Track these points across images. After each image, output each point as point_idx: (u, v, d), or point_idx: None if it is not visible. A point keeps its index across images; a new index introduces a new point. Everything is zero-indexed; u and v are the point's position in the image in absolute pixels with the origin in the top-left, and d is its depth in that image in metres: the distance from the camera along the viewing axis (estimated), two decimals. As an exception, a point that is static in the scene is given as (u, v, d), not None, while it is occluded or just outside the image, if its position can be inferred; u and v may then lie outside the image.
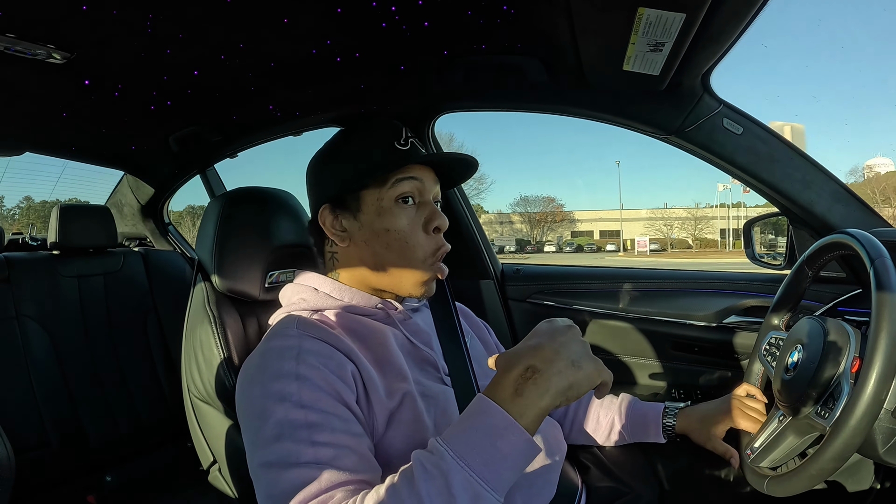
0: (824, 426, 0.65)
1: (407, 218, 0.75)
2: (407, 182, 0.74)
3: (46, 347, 1.51)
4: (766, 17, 0.73)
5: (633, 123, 1.07)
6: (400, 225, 0.74)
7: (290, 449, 0.58)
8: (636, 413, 0.95)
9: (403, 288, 0.77)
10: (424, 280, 0.76)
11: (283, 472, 0.57)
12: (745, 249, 1.27)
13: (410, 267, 0.75)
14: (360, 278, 0.78)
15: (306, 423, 0.59)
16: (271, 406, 0.61)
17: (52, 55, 0.81)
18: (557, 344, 0.57)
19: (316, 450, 0.58)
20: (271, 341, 0.70)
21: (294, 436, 0.58)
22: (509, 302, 1.47)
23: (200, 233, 0.98)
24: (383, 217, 0.74)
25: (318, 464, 0.56)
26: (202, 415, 0.94)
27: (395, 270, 0.76)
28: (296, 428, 0.59)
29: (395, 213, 0.74)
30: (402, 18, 0.80)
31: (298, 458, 0.57)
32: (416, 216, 0.75)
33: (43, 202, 29.02)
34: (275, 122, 1.25)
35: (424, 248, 0.75)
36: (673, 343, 1.29)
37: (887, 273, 0.63)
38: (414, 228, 0.75)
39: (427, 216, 0.75)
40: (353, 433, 0.61)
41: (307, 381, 0.63)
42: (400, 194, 0.74)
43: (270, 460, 0.58)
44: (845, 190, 1.03)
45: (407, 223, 0.74)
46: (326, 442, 0.58)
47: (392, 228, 0.74)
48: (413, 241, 0.74)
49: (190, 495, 1.52)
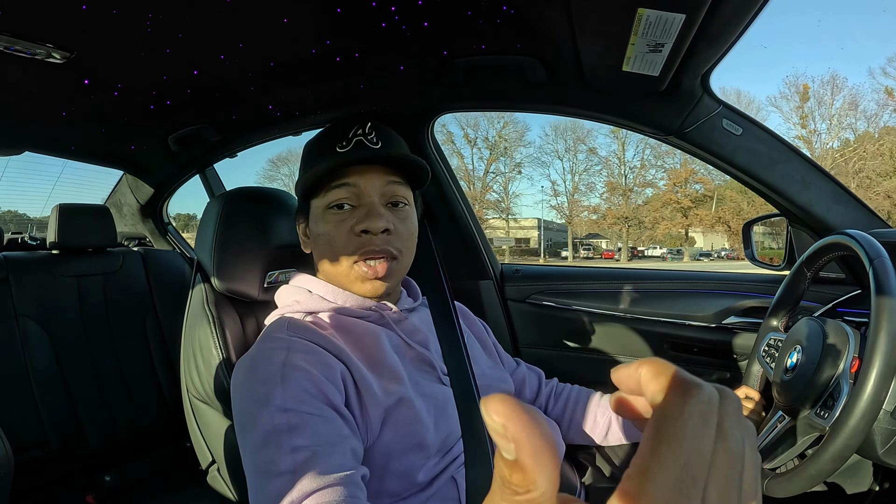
0: (823, 427, 0.65)
1: (335, 222, 0.74)
2: (340, 189, 0.74)
3: (45, 347, 1.51)
4: (766, 18, 0.73)
5: (633, 124, 1.07)
6: (326, 230, 0.75)
7: (272, 457, 0.58)
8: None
9: (351, 288, 0.77)
10: (352, 280, 0.76)
11: (266, 482, 0.57)
12: (745, 250, 1.27)
13: (340, 269, 0.76)
14: (332, 280, 0.79)
15: (288, 426, 0.59)
16: (256, 410, 0.62)
17: (52, 54, 0.81)
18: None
19: (294, 456, 0.57)
20: (261, 344, 0.70)
21: (277, 442, 0.59)
22: (508, 302, 1.47)
23: (199, 233, 0.98)
24: (318, 224, 0.76)
25: (294, 472, 0.56)
26: (201, 415, 0.94)
27: (333, 273, 0.77)
28: (279, 433, 0.59)
29: (325, 219, 0.75)
30: (402, 18, 0.80)
31: (278, 466, 0.57)
32: (348, 219, 0.74)
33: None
34: (274, 121, 1.25)
35: (346, 248, 0.74)
36: (672, 344, 1.29)
37: (886, 274, 0.63)
38: (339, 231, 0.74)
39: (358, 217, 0.74)
40: (337, 433, 0.61)
41: (292, 381, 0.63)
42: (331, 202, 0.75)
43: (257, 467, 0.59)
44: (844, 191, 1.03)
45: (333, 227, 0.74)
46: (306, 445, 0.58)
47: (321, 233, 0.76)
48: (336, 243, 0.74)
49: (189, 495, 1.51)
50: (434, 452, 0.70)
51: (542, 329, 1.43)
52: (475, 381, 0.78)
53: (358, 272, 0.75)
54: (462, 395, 0.76)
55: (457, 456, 0.71)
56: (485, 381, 0.83)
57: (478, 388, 0.78)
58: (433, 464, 0.69)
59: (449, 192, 1.37)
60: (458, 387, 0.77)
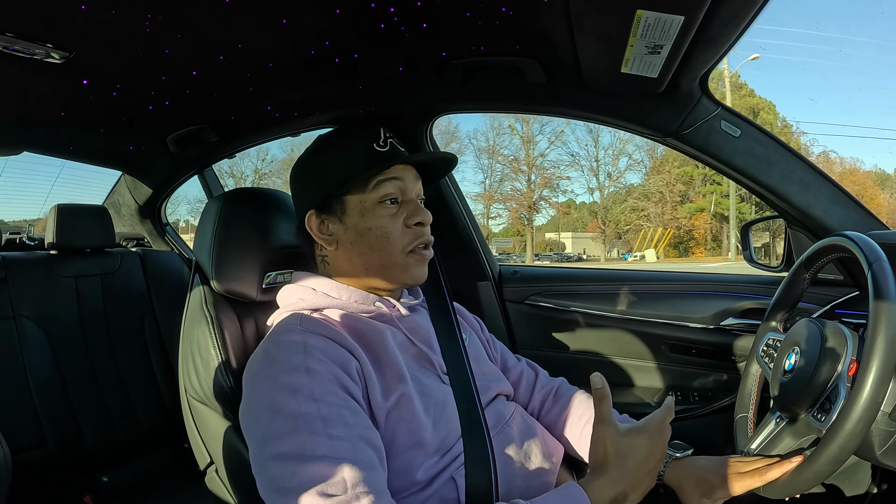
0: (820, 430, 0.65)
1: (389, 216, 0.77)
2: (389, 183, 0.77)
3: (43, 348, 1.51)
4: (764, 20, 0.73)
5: (631, 125, 1.07)
6: (382, 223, 0.76)
7: (305, 441, 0.58)
8: None
9: (393, 279, 0.79)
10: (409, 267, 0.78)
11: (300, 465, 0.57)
12: (743, 252, 1.27)
13: (393, 259, 0.77)
14: (352, 278, 0.79)
15: (320, 416, 0.60)
16: (283, 398, 0.61)
17: (51, 54, 0.81)
18: (650, 467, 0.63)
19: (333, 443, 0.58)
20: (276, 337, 0.70)
21: (310, 427, 0.59)
22: (507, 304, 1.47)
23: (198, 233, 0.97)
24: (367, 218, 0.77)
25: (337, 458, 0.57)
26: (199, 416, 0.93)
27: (381, 265, 0.78)
28: (311, 420, 0.59)
29: (378, 213, 0.76)
30: (401, 20, 0.80)
31: (315, 450, 0.57)
32: (398, 214, 0.77)
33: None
34: (273, 122, 1.25)
35: (403, 238, 0.77)
36: (670, 345, 1.29)
37: (885, 277, 0.63)
38: (395, 224, 0.77)
39: (409, 212, 0.78)
40: (365, 425, 0.62)
41: (317, 374, 0.63)
42: (383, 196, 0.76)
43: (285, 451, 0.58)
44: (843, 192, 1.03)
45: (389, 221, 0.77)
46: (342, 436, 0.59)
47: (374, 227, 0.76)
48: (393, 234, 0.77)
49: (187, 496, 1.51)
50: (433, 451, 0.70)
51: (540, 330, 1.42)
52: (474, 381, 0.78)
53: (414, 259, 0.78)
54: (462, 394, 0.76)
55: (456, 456, 0.71)
56: (484, 381, 0.83)
57: (477, 387, 0.78)
58: (432, 463, 0.69)
59: (448, 193, 1.38)
60: (457, 386, 0.77)
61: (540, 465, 0.77)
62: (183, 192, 25.99)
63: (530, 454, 0.78)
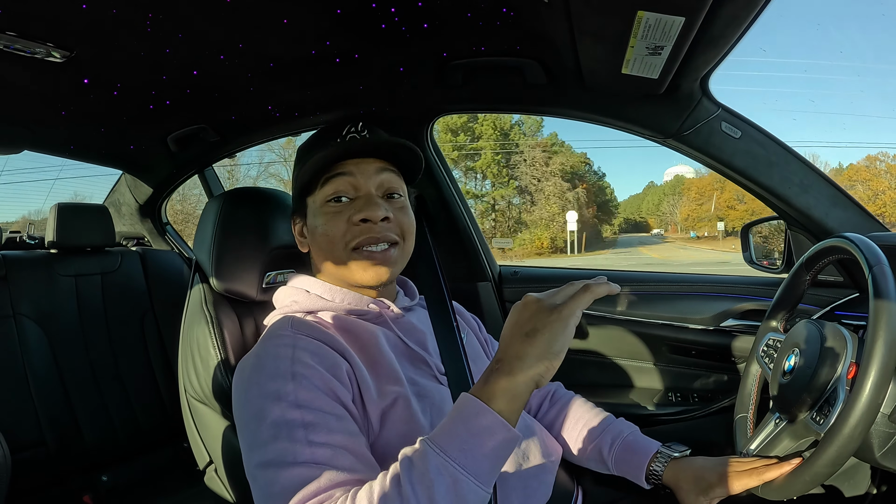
0: (819, 432, 0.65)
1: (332, 214, 0.75)
2: (336, 180, 0.75)
3: (43, 346, 1.51)
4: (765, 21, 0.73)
5: (632, 126, 1.07)
6: (323, 221, 0.75)
7: (287, 448, 0.58)
8: (626, 449, 0.84)
9: (347, 278, 0.77)
10: (352, 266, 0.75)
11: (280, 471, 0.57)
12: (743, 253, 1.27)
13: (338, 257, 0.76)
14: (331, 277, 0.79)
15: (303, 422, 0.59)
16: (268, 406, 0.61)
17: (52, 54, 0.81)
18: (523, 335, 0.56)
19: (313, 450, 0.58)
20: (267, 342, 0.70)
21: (291, 435, 0.59)
22: (507, 304, 1.47)
23: (198, 233, 0.98)
24: (316, 217, 0.77)
25: (316, 463, 0.56)
26: (199, 415, 0.93)
27: (333, 265, 0.77)
28: (293, 427, 0.59)
29: (323, 212, 0.76)
30: (402, 20, 0.80)
31: (296, 457, 0.57)
32: (344, 211, 0.75)
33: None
34: (273, 122, 1.25)
35: (345, 237, 0.74)
36: (670, 346, 1.29)
37: (885, 280, 0.63)
38: (336, 222, 0.74)
39: (357, 208, 0.74)
40: (349, 432, 0.62)
41: (303, 380, 0.63)
42: (329, 194, 0.75)
43: (268, 459, 0.58)
44: (843, 194, 1.03)
45: (331, 219, 0.75)
46: (323, 442, 0.58)
47: (318, 226, 0.76)
48: (333, 233, 0.74)
49: (186, 496, 1.51)
50: None
51: (541, 331, 1.42)
52: (473, 380, 0.78)
53: (359, 261, 0.74)
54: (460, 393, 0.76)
55: None
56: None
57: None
58: None
59: (448, 193, 1.37)
60: (455, 387, 0.77)
61: (538, 464, 0.77)
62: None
63: (529, 454, 0.77)
